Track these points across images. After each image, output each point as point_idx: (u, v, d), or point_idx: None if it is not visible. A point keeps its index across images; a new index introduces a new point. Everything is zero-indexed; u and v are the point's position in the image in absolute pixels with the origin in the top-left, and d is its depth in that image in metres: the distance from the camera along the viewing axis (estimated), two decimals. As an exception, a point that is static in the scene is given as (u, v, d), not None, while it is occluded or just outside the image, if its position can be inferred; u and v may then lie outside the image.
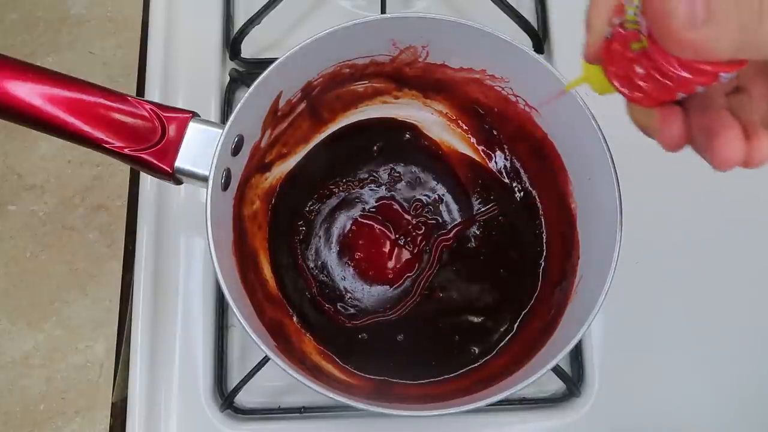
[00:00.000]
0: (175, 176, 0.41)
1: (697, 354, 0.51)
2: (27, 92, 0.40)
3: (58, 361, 1.18)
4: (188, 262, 0.51)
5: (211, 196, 0.40)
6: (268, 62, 0.42)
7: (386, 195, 0.51)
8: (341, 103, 0.51)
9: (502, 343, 0.48)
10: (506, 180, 0.51)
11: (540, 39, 0.54)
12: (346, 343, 0.48)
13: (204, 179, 0.40)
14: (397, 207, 0.51)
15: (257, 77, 0.42)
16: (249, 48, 0.55)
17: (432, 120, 0.52)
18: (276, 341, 0.43)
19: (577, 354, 0.50)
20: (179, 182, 0.42)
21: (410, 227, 0.51)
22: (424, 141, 0.52)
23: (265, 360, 0.47)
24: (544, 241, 0.50)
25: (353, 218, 0.51)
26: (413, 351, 0.48)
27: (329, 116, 0.51)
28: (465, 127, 0.52)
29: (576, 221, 0.46)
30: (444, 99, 0.51)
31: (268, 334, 0.42)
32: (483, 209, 0.51)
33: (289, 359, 0.40)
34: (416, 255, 0.50)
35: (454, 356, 0.48)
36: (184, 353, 0.49)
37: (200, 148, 0.41)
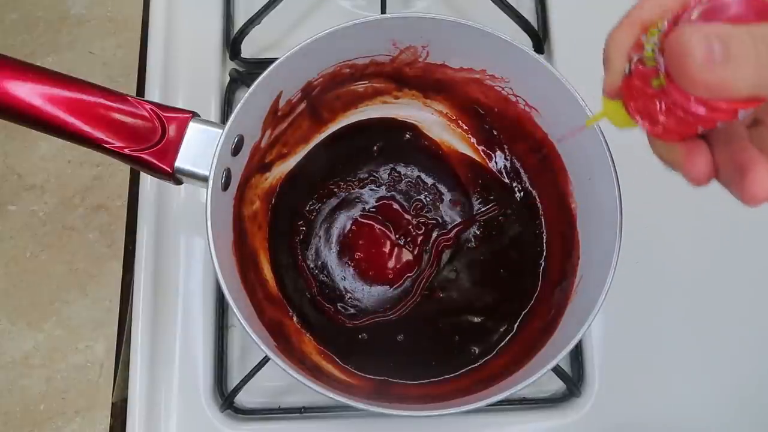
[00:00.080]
0: (175, 176, 0.41)
1: (697, 354, 0.51)
2: (27, 92, 0.40)
3: (58, 361, 1.18)
4: (188, 262, 0.51)
5: (211, 196, 0.40)
6: (268, 62, 0.42)
7: (386, 195, 0.51)
8: (341, 103, 0.51)
9: (502, 343, 0.48)
10: (506, 180, 0.51)
11: (540, 39, 0.54)
12: (346, 343, 0.48)
13: (204, 179, 0.40)
14: (397, 207, 0.51)
15: (257, 77, 0.42)
16: (249, 48, 0.55)
17: (432, 120, 0.52)
18: (276, 341, 0.43)
19: (577, 354, 0.50)
20: (179, 182, 0.42)
21: (410, 227, 0.51)
22: (425, 141, 0.52)
23: (265, 360, 0.47)
24: (544, 241, 0.50)
25: (353, 218, 0.51)
26: (413, 351, 0.48)
27: (329, 116, 0.51)
28: (465, 127, 0.52)
29: (576, 221, 0.46)
30: (444, 99, 0.51)
31: (268, 334, 0.42)
32: (483, 209, 0.51)
33: (289, 359, 0.40)
34: (416, 255, 0.50)
35: (454, 356, 0.48)
36: (184, 353, 0.49)
37: (200, 148, 0.41)
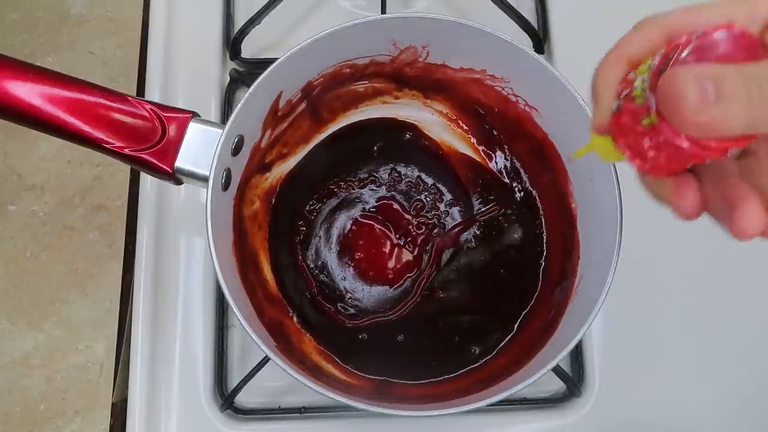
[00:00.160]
0: (176, 176, 0.41)
1: (697, 354, 0.51)
2: (27, 92, 0.40)
3: (58, 361, 1.18)
4: (188, 262, 0.51)
5: (211, 196, 0.40)
6: (268, 62, 0.42)
7: (386, 195, 0.51)
8: (341, 103, 0.51)
9: (502, 343, 0.48)
10: (506, 180, 0.51)
11: (540, 39, 0.54)
12: (346, 343, 0.48)
13: (204, 179, 0.40)
14: (398, 207, 0.51)
15: (257, 77, 0.42)
16: (249, 48, 0.55)
17: (432, 120, 0.52)
18: (276, 341, 0.43)
19: (577, 354, 0.50)
20: (179, 182, 0.42)
21: (410, 227, 0.51)
22: (425, 141, 0.52)
23: (265, 360, 0.47)
24: (545, 241, 0.50)
25: (353, 218, 0.51)
26: (413, 351, 0.48)
27: (329, 116, 0.51)
28: (465, 127, 0.52)
29: (576, 221, 0.46)
30: (444, 99, 0.51)
31: (268, 334, 0.42)
32: (483, 209, 0.51)
33: (289, 359, 0.40)
34: (416, 255, 0.50)
35: (455, 356, 0.48)
36: (184, 353, 0.49)
37: (200, 148, 0.41)
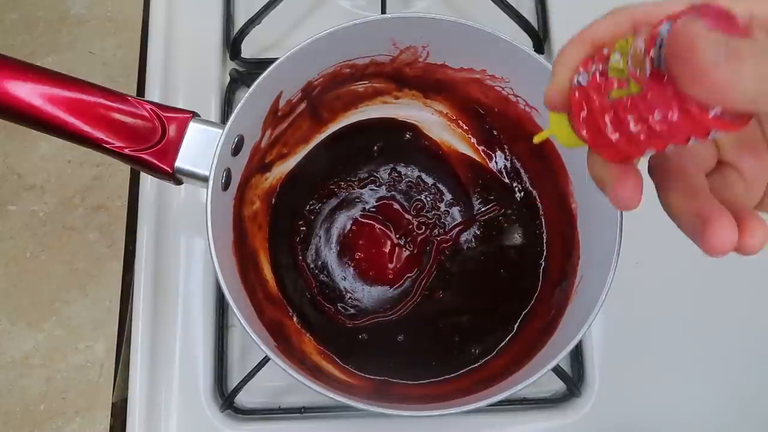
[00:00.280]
0: (176, 176, 0.41)
1: (697, 354, 0.51)
2: (27, 92, 0.40)
3: (58, 361, 1.18)
4: (188, 262, 0.51)
5: (211, 196, 0.40)
6: (268, 62, 0.42)
7: (386, 195, 0.51)
8: (341, 103, 0.51)
9: (503, 344, 0.48)
10: (506, 180, 0.51)
11: (540, 39, 0.54)
12: (346, 343, 0.48)
13: (204, 179, 0.40)
14: (398, 207, 0.51)
15: (257, 77, 0.42)
16: (249, 48, 0.55)
17: (432, 120, 0.52)
18: (276, 341, 0.43)
19: (577, 354, 0.50)
20: (179, 182, 0.42)
21: (410, 227, 0.51)
22: (425, 141, 0.52)
23: (265, 360, 0.47)
24: (545, 241, 0.50)
25: (353, 218, 0.51)
26: (413, 351, 0.48)
27: (329, 116, 0.51)
28: (465, 127, 0.52)
29: (576, 221, 0.46)
30: (444, 99, 0.51)
31: (268, 334, 0.42)
32: (483, 209, 0.51)
33: (289, 359, 0.40)
34: (416, 255, 0.50)
35: (455, 356, 0.47)
36: (184, 353, 0.49)
37: (200, 148, 0.41)
